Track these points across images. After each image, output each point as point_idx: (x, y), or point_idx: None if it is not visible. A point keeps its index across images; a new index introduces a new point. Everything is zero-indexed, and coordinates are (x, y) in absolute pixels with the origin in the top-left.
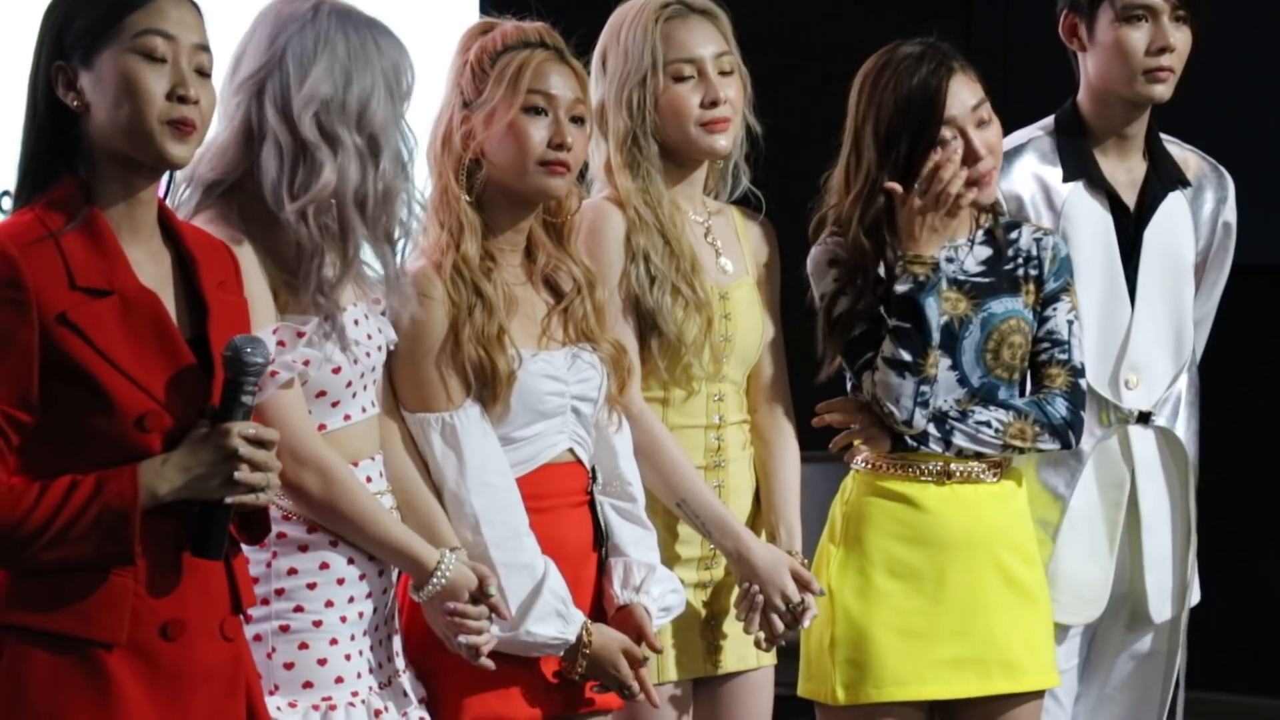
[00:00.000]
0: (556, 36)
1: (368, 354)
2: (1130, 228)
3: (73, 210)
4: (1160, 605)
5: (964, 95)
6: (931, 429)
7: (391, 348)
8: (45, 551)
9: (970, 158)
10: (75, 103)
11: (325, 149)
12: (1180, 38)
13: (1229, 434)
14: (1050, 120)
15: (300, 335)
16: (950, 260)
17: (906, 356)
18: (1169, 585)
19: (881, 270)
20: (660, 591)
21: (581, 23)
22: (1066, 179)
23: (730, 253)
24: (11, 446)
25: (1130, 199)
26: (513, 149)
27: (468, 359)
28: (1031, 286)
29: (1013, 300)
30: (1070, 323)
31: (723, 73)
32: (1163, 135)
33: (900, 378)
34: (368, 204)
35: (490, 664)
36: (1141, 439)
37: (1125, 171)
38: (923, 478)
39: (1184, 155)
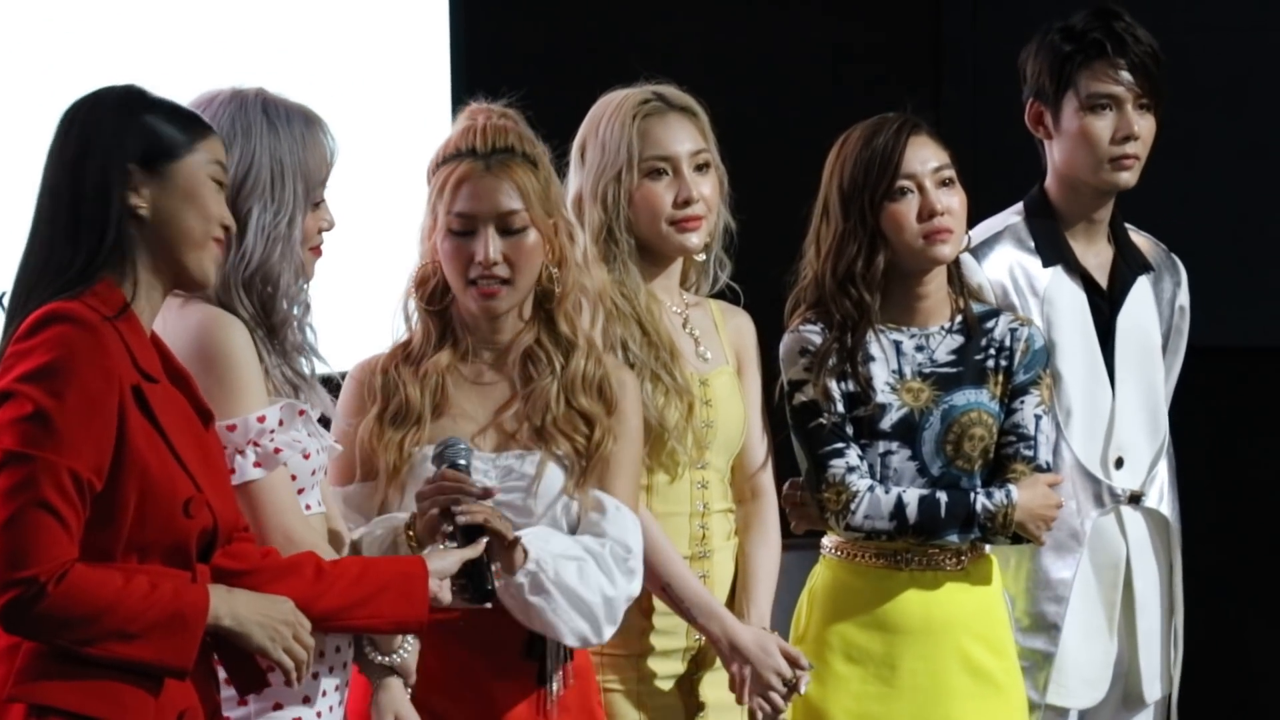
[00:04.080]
0: (503, 133)
1: (319, 450)
2: (1105, 311)
3: (116, 305)
4: (1152, 684)
5: (924, 154)
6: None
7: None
8: (116, 644)
9: (926, 212)
10: (142, 208)
11: None
12: (1144, 125)
13: (1203, 514)
14: (1020, 206)
15: (301, 414)
16: (920, 349)
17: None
18: (1158, 664)
19: (850, 340)
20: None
21: (560, 102)
22: (1046, 264)
23: (709, 342)
24: (81, 517)
25: (1101, 283)
26: (449, 269)
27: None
28: (1000, 378)
29: (977, 392)
30: (1038, 418)
31: (699, 168)
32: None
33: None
34: (247, 288)
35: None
36: (1132, 519)
37: (1094, 255)
38: (882, 563)
39: (1139, 240)
